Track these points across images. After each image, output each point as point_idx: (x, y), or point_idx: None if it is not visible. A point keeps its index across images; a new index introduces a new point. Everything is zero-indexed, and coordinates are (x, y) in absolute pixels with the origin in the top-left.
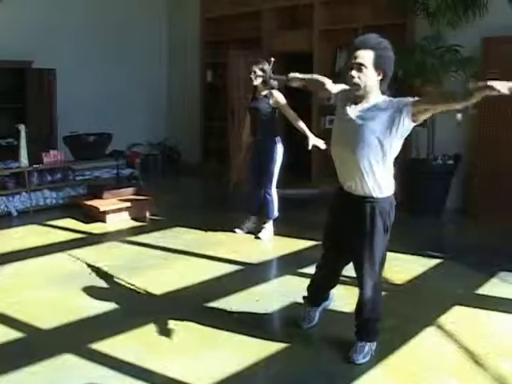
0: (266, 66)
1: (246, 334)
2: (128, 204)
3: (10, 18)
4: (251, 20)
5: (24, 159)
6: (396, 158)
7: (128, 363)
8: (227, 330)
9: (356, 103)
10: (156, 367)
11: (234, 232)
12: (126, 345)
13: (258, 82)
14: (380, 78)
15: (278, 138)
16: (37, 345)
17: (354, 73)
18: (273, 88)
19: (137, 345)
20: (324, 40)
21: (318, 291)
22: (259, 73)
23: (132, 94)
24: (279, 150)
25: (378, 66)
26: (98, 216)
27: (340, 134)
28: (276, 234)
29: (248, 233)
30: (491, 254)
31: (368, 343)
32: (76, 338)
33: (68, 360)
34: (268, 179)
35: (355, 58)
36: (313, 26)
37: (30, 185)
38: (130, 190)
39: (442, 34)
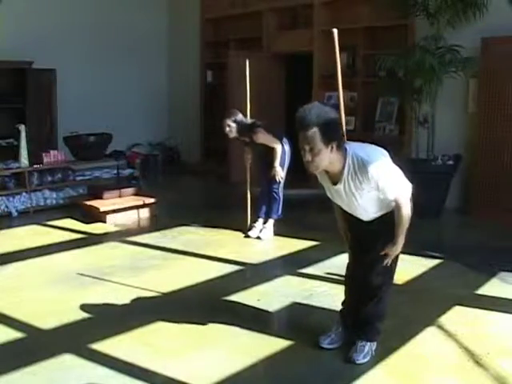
0: (239, 117)
1: (247, 334)
2: (128, 204)
3: (10, 18)
4: (251, 20)
5: (24, 159)
6: (396, 158)
7: (128, 363)
8: (227, 330)
9: (334, 183)
10: (156, 367)
11: (248, 237)
12: (126, 345)
13: (233, 134)
14: (334, 148)
15: (284, 140)
16: (37, 345)
17: (308, 157)
18: (244, 136)
19: (137, 345)
20: (324, 40)
21: (349, 307)
22: (233, 125)
23: (132, 95)
24: (286, 150)
25: (328, 140)
26: (98, 216)
27: (332, 194)
28: (276, 234)
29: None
30: (491, 254)
31: (368, 343)
32: (76, 338)
33: (68, 360)
34: (275, 179)
35: (303, 140)
36: (313, 26)
37: (30, 185)
38: (130, 190)
39: (442, 35)
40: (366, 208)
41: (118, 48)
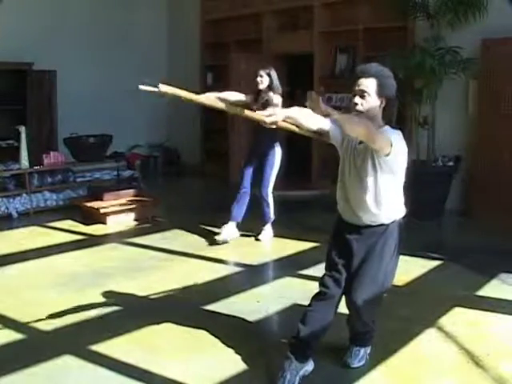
0: (273, 72)
1: (246, 336)
2: (128, 206)
3: (11, 19)
4: (252, 22)
5: (24, 161)
6: None
7: (127, 364)
8: (227, 332)
9: (360, 142)
10: (155, 369)
11: (218, 244)
12: (126, 346)
13: (263, 86)
14: (383, 105)
15: (277, 143)
16: (37, 346)
17: (357, 99)
18: (274, 93)
19: (137, 346)
20: (324, 41)
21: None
22: (266, 77)
23: (132, 96)
24: (278, 154)
25: (381, 93)
26: (99, 217)
27: (345, 165)
28: (276, 235)
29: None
30: (491, 255)
31: (363, 348)
32: (76, 340)
33: (68, 361)
34: (266, 183)
35: (358, 85)
36: (313, 27)
37: (30, 186)
38: (131, 191)
39: (442, 36)
40: (368, 190)
41: (118, 49)
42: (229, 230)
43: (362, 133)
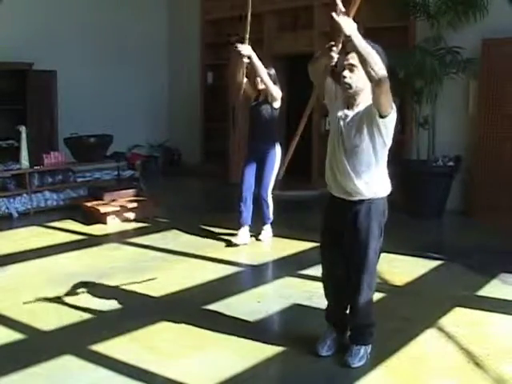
0: (273, 71)
1: (246, 336)
2: (128, 206)
3: (11, 19)
4: (252, 22)
5: (25, 161)
6: (396, 159)
7: (128, 364)
8: (227, 332)
9: (348, 108)
10: (156, 369)
11: (236, 245)
12: (126, 346)
13: (263, 86)
14: None
15: (277, 143)
16: (37, 346)
17: (345, 73)
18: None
19: (137, 346)
20: (325, 41)
21: (335, 310)
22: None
23: (133, 96)
24: (278, 154)
25: None
26: (99, 218)
27: (333, 135)
28: (276, 235)
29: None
30: (492, 255)
31: (363, 346)
32: (76, 340)
33: (68, 361)
34: (265, 185)
35: (347, 59)
36: (313, 27)
37: (30, 186)
38: (131, 191)
39: (442, 36)
40: (355, 157)
41: (118, 49)
42: (245, 234)
43: (381, 76)
